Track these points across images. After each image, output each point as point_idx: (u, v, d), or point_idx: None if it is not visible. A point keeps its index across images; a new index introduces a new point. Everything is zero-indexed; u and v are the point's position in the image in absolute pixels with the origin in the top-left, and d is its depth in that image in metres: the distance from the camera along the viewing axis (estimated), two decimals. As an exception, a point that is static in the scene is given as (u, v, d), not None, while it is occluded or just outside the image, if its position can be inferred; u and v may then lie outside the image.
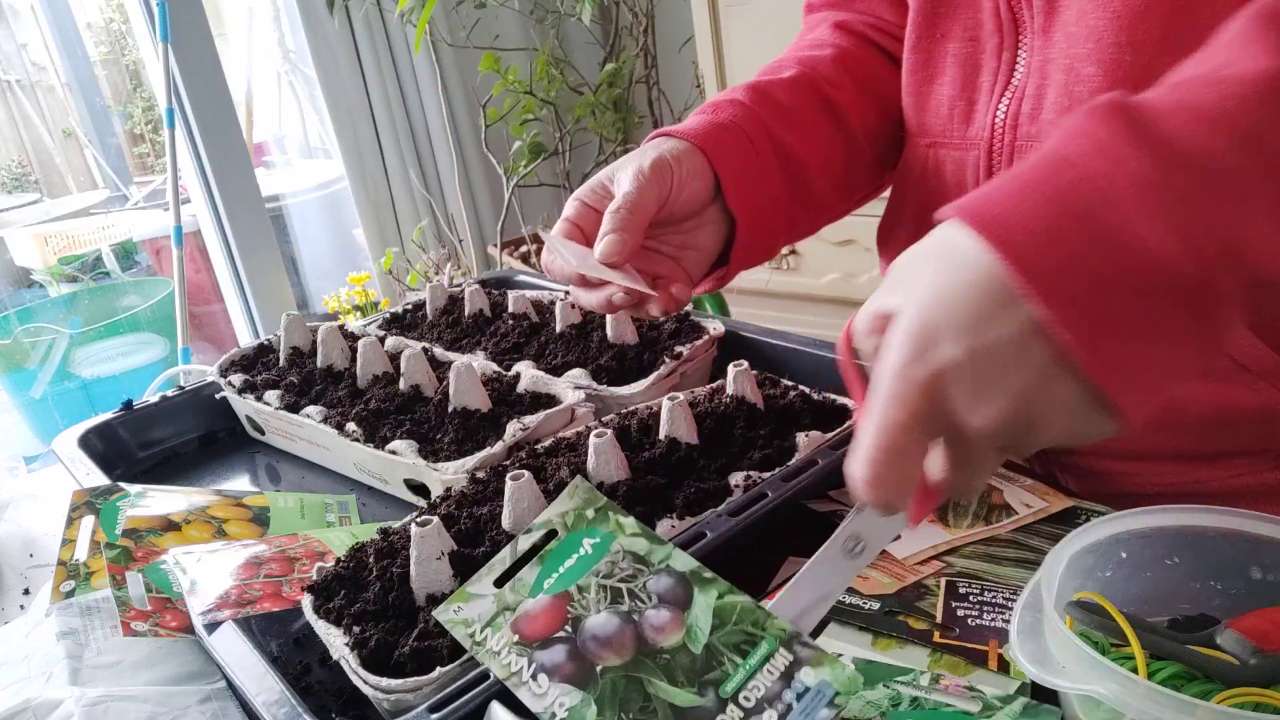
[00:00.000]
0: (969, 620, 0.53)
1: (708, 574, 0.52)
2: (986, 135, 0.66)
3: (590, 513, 0.56)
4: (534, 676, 0.47)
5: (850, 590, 0.56)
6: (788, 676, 0.46)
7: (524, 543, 0.55)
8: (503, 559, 0.54)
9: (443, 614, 0.52)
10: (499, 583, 0.53)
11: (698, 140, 0.68)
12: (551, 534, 0.55)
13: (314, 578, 0.58)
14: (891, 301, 0.42)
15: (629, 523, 0.55)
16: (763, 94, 0.73)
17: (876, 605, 0.55)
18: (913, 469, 0.41)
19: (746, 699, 0.45)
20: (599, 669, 0.48)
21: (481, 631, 0.50)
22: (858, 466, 0.41)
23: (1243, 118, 0.38)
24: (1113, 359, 0.37)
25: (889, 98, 0.76)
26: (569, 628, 0.50)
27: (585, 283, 0.65)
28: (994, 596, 0.54)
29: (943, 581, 0.56)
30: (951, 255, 0.40)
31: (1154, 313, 0.37)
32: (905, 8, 0.72)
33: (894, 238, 0.78)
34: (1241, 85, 0.38)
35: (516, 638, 0.50)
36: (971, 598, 0.54)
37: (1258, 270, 0.38)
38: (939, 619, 0.53)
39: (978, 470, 0.42)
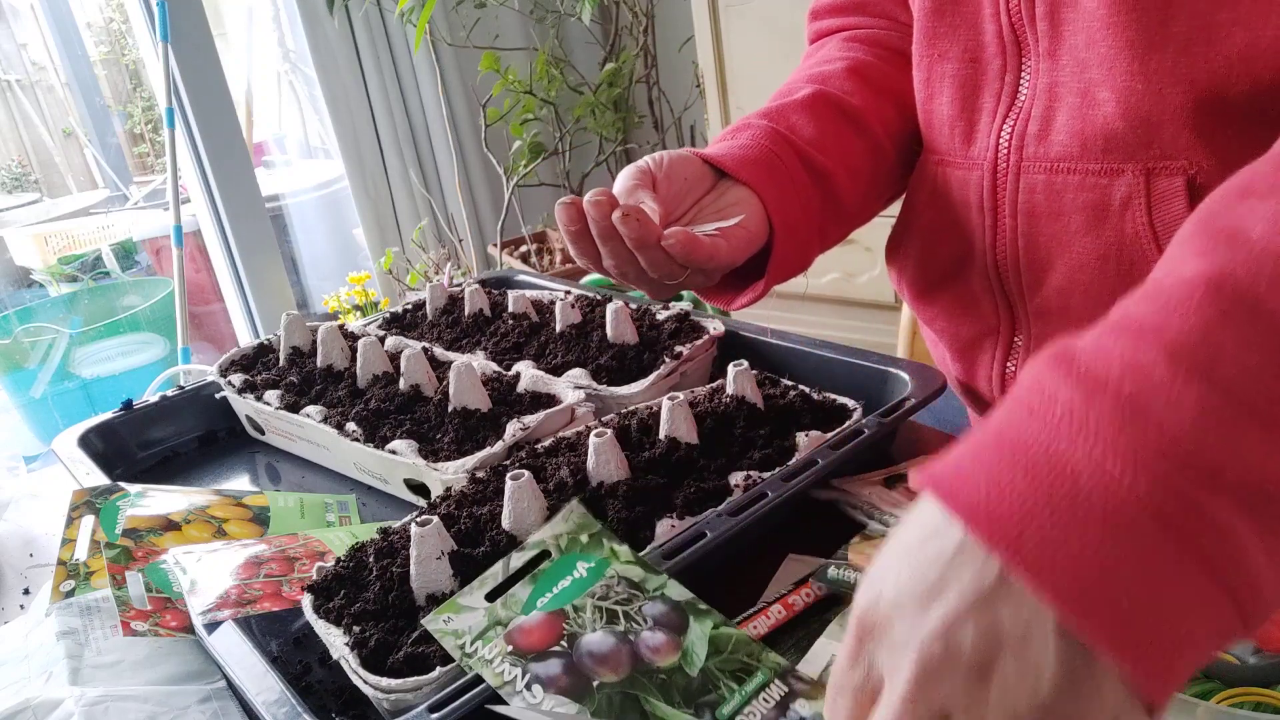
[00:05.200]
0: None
1: (703, 605, 0.52)
2: (990, 156, 0.66)
3: (584, 538, 0.56)
4: (528, 686, 0.47)
5: (855, 569, 0.56)
6: (783, 706, 0.46)
7: (516, 560, 0.55)
8: (494, 574, 0.54)
9: (432, 624, 0.51)
10: (490, 597, 0.53)
11: (726, 165, 0.68)
12: (544, 555, 0.55)
13: (314, 577, 0.58)
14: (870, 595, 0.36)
15: (623, 550, 0.55)
16: (777, 116, 0.72)
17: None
18: None
19: None
20: (595, 684, 0.47)
21: (472, 643, 0.50)
22: None
23: (1175, 324, 0.34)
24: (1108, 610, 0.31)
25: (908, 97, 0.76)
26: (565, 643, 0.50)
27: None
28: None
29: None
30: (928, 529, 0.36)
31: (1136, 548, 0.32)
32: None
33: (903, 251, 0.78)
34: (1175, 290, 0.35)
35: (510, 648, 0.49)
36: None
37: (1240, 475, 0.32)
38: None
39: None
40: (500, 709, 0.46)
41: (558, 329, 0.89)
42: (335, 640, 0.53)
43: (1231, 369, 0.33)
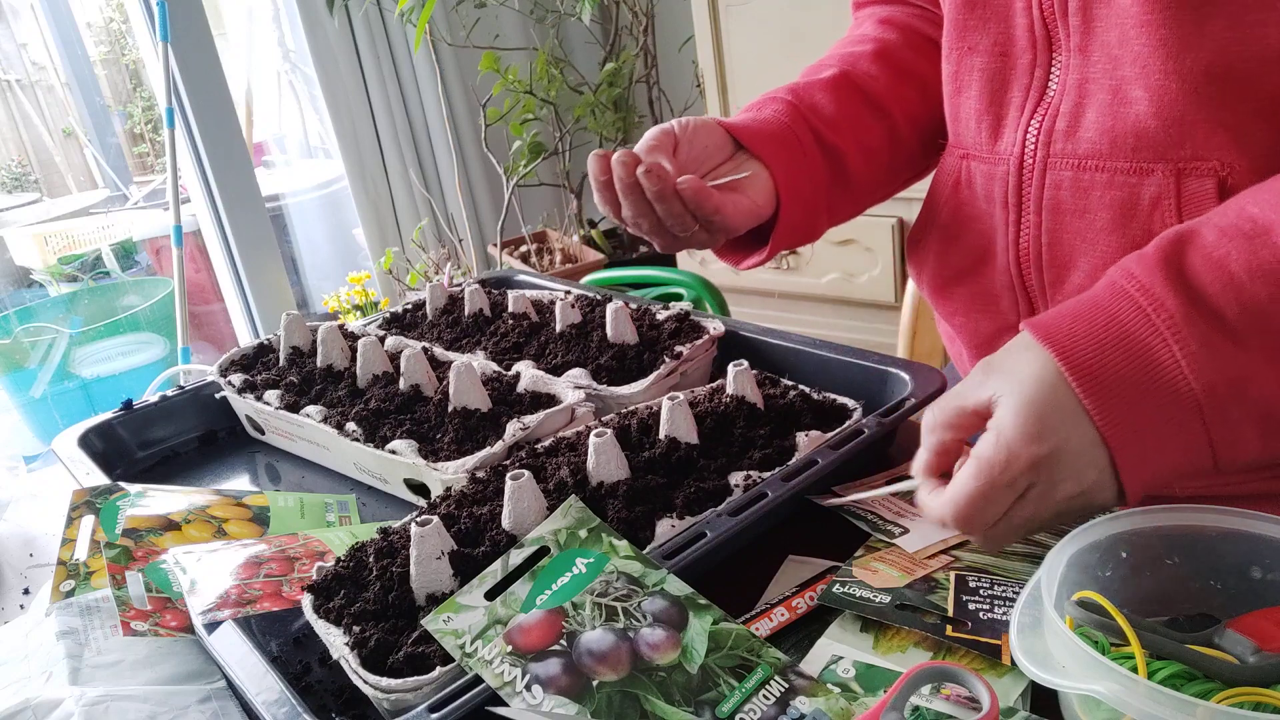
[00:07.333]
0: (980, 614, 0.53)
1: (702, 600, 0.52)
2: (1016, 151, 0.66)
3: (583, 533, 0.56)
4: (528, 687, 0.47)
5: (859, 583, 0.56)
6: (783, 703, 0.46)
7: (515, 557, 0.55)
8: (494, 571, 0.54)
9: (431, 623, 0.51)
10: (490, 595, 0.53)
11: (743, 137, 0.73)
12: (543, 551, 0.55)
13: (314, 577, 0.58)
14: (984, 394, 0.51)
15: (622, 545, 0.55)
16: (802, 93, 0.77)
17: (886, 598, 0.55)
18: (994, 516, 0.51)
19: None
20: (595, 683, 0.47)
21: (472, 643, 0.50)
22: (949, 506, 0.51)
23: (1263, 288, 0.47)
24: (1135, 449, 0.49)
25: (931, 83, 0.77)
26: (564, 642, 0.50)
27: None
28: (1004, 590, 0.54)
29: (952, 575, 0.56)
30: (1025, 362, 0.50)
31: (1173, 420, 0.48)
32: None
33: (924, 245, 0.78)
34: (1274, 255, 0.47)
35: (510, 648, 0.49)
36: (981, 591, 0.54)
37: (1259, 405, 0.48)
38: (950, 612, 0.53)
39: (1004, 528, 0.52)
40: (500, 710, 0.46)
41: (558, 329, 0.89)
42: (335, 640, 0.53)
43: None
